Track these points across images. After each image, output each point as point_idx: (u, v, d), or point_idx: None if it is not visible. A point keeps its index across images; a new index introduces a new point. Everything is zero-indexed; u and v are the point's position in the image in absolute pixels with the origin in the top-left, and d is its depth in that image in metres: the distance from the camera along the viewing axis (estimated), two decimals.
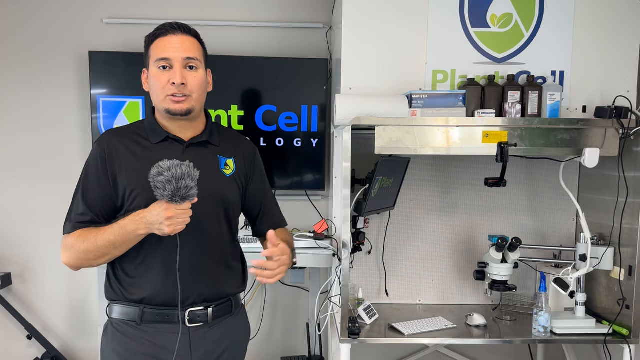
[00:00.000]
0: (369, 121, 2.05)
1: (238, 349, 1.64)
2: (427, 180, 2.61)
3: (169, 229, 1.34)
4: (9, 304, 2.87)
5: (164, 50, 1.45)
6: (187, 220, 1.37)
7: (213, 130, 1.59)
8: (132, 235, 1.40)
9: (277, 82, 2.79)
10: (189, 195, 1.33)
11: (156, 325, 1.49)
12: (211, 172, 1.51)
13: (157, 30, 1.49)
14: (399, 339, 2.18)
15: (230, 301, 1.59)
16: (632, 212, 2.15)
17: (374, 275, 2.62)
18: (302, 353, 2.94)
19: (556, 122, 2.11)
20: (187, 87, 1.46)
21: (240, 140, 1.67)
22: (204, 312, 1.51)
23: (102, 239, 1.41)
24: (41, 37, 2.85)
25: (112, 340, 1.52)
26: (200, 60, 1.50)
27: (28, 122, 2.87)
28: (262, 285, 3.00)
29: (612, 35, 2.28)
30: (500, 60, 2.29)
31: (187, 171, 1.32)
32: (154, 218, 1.35)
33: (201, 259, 1.50)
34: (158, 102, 1.48)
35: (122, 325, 1.51)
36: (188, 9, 2.88)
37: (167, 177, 1.29)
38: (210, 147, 1.56)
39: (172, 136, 1.51)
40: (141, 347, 1.49)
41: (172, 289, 1.45)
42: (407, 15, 2.26)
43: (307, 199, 2.94)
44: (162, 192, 1.31)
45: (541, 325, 2.16)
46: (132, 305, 1.50)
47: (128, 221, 1.39)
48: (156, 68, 1.46)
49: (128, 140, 1.50)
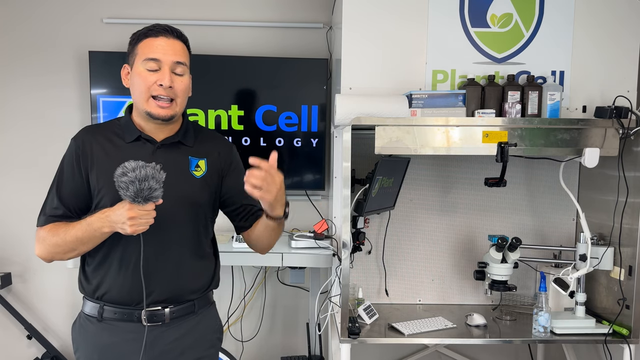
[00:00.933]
0: (368, 121, 2.05)
1: (203, 347, 1.62)
2: (427, 180, 2.61)
3: (131, 229, 1.36)
4: (9, 304, 2.87)
5: (154, 51, 1.46)
6: (150, 221, 1.38)
7: (188, 130, 1.59)
8: (98, 233, 1.42)
9: (277, 82, 2.79)
10: (152, 197, 1.35)
11: (115, 323, 1.51)
12: (180, 174, 1.52)
13: (148, 30, 1.49)
14: (399, 338, 2.18)
15: (193, 302, 1.57)
16: (632, 212, 2.15)
17: (374, 275, 2.62)
18: (302, 353, 2.94)
19: (556, 122, 2.11)
20: (174, 91, 1.47)
21: (216, 141, 1.66)
22: (161, 313, 1.51)
23: (71, 235, 1.44)
24: (41, 37, 2.85)
25: (79, 333, 1.57)
26: (187, 66, 1.53)
27: (28, 121, 2.88)
28: (262, 285, 3.00)
29: (612, 35, 2.28)
30: (500, 60, 2.29)
31: (151, 173, 1.33)
32: (117, 217, 1.37)
33: (161, 260, 1.50)
34: (140, 101, 1.48)
35: (86, 319, 1.55)
36: (188, 9, 2.88)
37: (130, 178, 1.32)
38: (182, 147, 1.56)
39: (144, 136, 1.52)
40: (101, 343, 1.52)
41: (129, 288, 1.48)
42: (407, 15, 2.26)
43: (307, 199, 2.94)
44: (125, 192, 1.33)
45: (541, 325, 2.16)
46: (94, 301, 1.53)
47: (94, 219, 1.42)
48: (143, 67, 1.46)
49: (103, 138, 1.53)
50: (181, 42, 1.52)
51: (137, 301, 1.49)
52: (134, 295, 1.48)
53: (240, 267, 2.97)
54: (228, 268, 2.96)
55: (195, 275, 1.58)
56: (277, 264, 2.48)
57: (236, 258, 2.47)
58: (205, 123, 2.78)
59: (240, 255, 2.42)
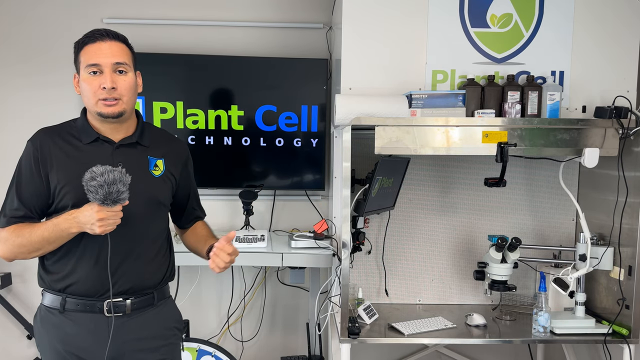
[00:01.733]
0: (368, 121, 2.05)
1: (163, 337, 1.68)
2: (426, 180, 2.61)
3: (100, 229, 1.43)
4: (9, 304, 2.87)
5: (93, 56, 1.52)
6: (117, 221, 1.46)
7: (144, 131, 1.66)
8: (65, 233, 1.49)
9: (277, 82, 2.79)
10: (120, 199, 1.43)
11: (77, 314, 1.57)
12: (140, 173, 1.59)
13: (85, 38, 1.55)
14: (399, 338, 2.18)
15: (153, 294, 1.65)
16: (632, 212, 2.15)
17: (374, 275, 2.62)
18: (302, 353, 2.94)
19: (556, 122, 2.11)
20: (117, 91, 1.53)
21: (171, 142, 1.74)
22: (122, 304, 1.58)
23: (37, 235, 1.50)
24: (41, 37, 2.85)
25: (41, 326, 1.62)
26: (129, 64, 1.58)
27: (28, 122, 2.85)
28: (262, 285, 3.00)
29: (612, 35, 2.28)
30: (500, 60, 2.29)
31: (119, 177, 1.41)
32: (86, 219, 1.44)
33: (125, 254, 1.57)
34: (90, 105, 1.55)
35: (47, 312, 1.61)
36: (188, 9, 2.88)
37: (99, 182, 1.39)
38: (140, 148, 1.63)
39: (102, 137, 1.58)
40: (63, 334, 1.58)
41: (93, 280, 1.55)
42: (407, 15, 2.26)
43: (307, 199, 2.94)
44: (94, 195, 1.40)
45: (541, 325, 2.16)
46: (56, 293, 1.59)
47: (61, 219, 1.48)
48: (87, 73, 1.53)
49: (60, 139, 1.58)
50: (119, 42, 1.57)
51: (100, 293, 1.56)
52: (97, 287, 1.55)
53: (240, 267, 2.97)
54: (228, 268, 2.95)
55: (155, 267, 1.66)
56: (277, 264, 2.48)
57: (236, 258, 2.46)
58: (205, 123, 2.78)
59: (241, 255, 2.40)
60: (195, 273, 2.93)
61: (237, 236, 2.48)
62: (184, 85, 2.78)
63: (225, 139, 2.80)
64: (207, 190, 2.87)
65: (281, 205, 2.98)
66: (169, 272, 1.72)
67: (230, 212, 2.91)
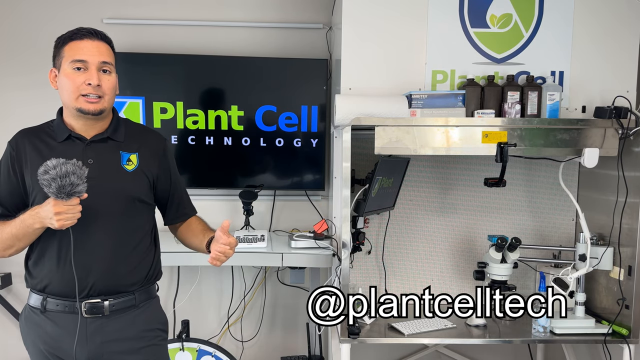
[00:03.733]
0: (368, 121, 2.05)
1: (145, 339, 1.67)
2: (426, 180, 2.61)
3: (58, 224, 1.44)
4: (9, 304, 2.87)
5: (80, 53, 1.54)
6: (77, 215, 1.46)
7: (119, 126, 1.66)
8: (30, 229, 1.51)
9: (277, 82, 2.79)
10: (75, 192, 1.42)
11: (57, 315, 1.58)
12: (112, 168, 1.60)
13: (72, 34, 1.57)
14: (399, 338, 2.18)
15: (133, 295, 1.64)
16: (632, 212, 2.16)
17: (374, 275, 2.62)
18: (302, 353, 2.94)
19: (555, 122, 2.11)
20: (102, 89, 1.56)
21: (147, 135, 1.73)
22: (100, 305, 1.58)
23: (6, 232, 1.55)
24: (41, 37, 2.85)
25: (25, 324, 1.65)
26: (113, 65, 1.61)
27: (28, 122, 2.85)
28: (262, 285, 3.00)
29: (611, 36, 2.28)
30: (499, 60, 2.30)
31: (72, 169, 1.41)
32: (45, 213, 1.46)
33: (97, 252, 1.57)
34: (69, 100, 1.56)
35: (31, 311, 1.63)
36: (188, 9, 2.88)
37: (51, 175, 1.39)
38: (112, 143, 1.63)
39: (74, 134, 1.60)
40: (44, 334, 1.59)
41: (67, 280, 1.55)
42: (407, 15, 2.26)
43: (307, 199, 2.94)
44: (48, 189, 1.41)
45: (541, 325, 2.16)
46: (38, 293, 1.61)
47: (27, 216, 1.51)
48: (71, 68, 1.55)
49: (36, 139, 1.61)
50: (105, 44, 1.60)
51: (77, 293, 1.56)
52: (73, 288, 1.55)
53: (240, 267, 2.98)
54: (228, 268, 2.96)
55: (132, 266, 1.64)
56: (277, 264, 2.48)
57: (236, 258, 2.44)
58: (205, 123, 2.78)
59: (241, 255, 2.42)
60: (195, 273, 2.93)
61: (237, 236, 2.48)
62: (184, 86, 2.78)
63: (225, 139, 2.80)
64: (207, 191, 2.88)
65: (281, 205, 2.98)
66: (152, 272, 1.70)
67: (230, 212, 2.91)
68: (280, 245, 2.58)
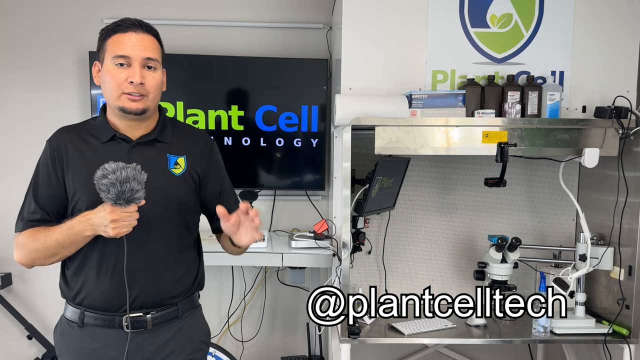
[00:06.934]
0: (368, 121, 2.05)
1: (187, 352, 1.58)
2: (427, 180, 2.61)
3: (113, 232, 1.34)
4: (9, 304, 2.87)
5: (123, 47, 1.42)
6: (133, 223, 1.36)
7: (165, 127, 1.54)
8: (79, 236, 1.39)
9: (277, 82, 2.79)
10: (134, 198, 1.32)
11: (96, 329, 1.49)
12: (159, 172, 1.48)
13: (116, 26, 1.45)
14: (399, 338, 2.18)
15: (177, 306, 1.54)
16: (632, 212, 2.15)
17: (374, 275, 2.62)
18: (302, 353, 2.94)
19: (556, 122, 2.11)
20: (145, 87, 1.44)
21: (195, 137, 1.61)
22: (143, 319, 1.48)
23: (51, 239, 1.41)
24: (41, 38, 2.85)
25: (61, 339, 1.55)
26: (158, 60, 1.49)
27: (28, 122, 2.87)
28: (262, 285, 3.00)
29: (611, 35, 2.28)
30: (500, 60, 2.29)
31: (132, 174, 1.31)
32: (99, 220, 1.34)
33: (142, 262, 1.46)
34: (112, 98, 1.44)
35: (68, 325, 1.53)
36: (188, 9, 2.88)
37: (111, 180, 1.29)
38: (159, 145, 1.52)
39: (119, 135, 1.48)
40: (83, 349, 1.50)
41: (108, 293, 1.46)
42: (407, 15, 2.26)
43: (307, 199, 2.94)
44: (106, 194, 1.30)
45: (541, 325, 2.16)
46: (75, 306, 1.51)
47: (75, 222, 1.38)
48: (113, 64, 1.42)
49: (78, 138, 1.49)
50: (151, 36, 1.48)
51: (117, 307, 1.47)
52: (114, 301, 1.46)
53: (240, 267, 2.97)
54: (228, 268, 2.96)
55: (177, 276, 1.54)
56: (277, 264, 2.48)
57: (236, 258, 2.45)
58: (205, 123, 2.78)
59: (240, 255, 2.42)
60: None
61: None
62: (184, 85, 2.78)
63: (225, 139, 2.80)
64: None
65: (281, 205, 2.98)
66: (197, 282, 1.61)
67: None
68: (280, 245, 2.58)
